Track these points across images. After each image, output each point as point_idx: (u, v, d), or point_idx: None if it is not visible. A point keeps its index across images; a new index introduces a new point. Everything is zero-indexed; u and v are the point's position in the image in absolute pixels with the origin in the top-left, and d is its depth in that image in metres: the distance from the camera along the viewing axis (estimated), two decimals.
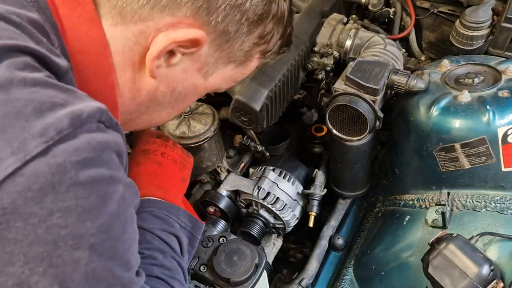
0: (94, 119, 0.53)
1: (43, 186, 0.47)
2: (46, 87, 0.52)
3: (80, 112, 0.51)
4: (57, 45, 0.59)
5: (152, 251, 0.79)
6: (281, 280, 1.33)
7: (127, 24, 0.62)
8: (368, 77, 1.05)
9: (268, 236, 1.35)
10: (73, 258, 0.49)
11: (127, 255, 0.56)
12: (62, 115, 0.50)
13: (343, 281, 1.21)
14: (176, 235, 0.83)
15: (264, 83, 1.11)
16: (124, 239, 0.55)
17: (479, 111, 0.98)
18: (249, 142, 1.31)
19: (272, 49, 0.78)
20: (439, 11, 1.41)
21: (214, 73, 0.73)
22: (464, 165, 1.03)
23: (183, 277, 0.81)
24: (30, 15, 0.57)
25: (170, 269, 0.78)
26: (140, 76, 0.68)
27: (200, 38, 0.64)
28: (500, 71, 1.05)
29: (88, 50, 0.62)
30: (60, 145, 0.48)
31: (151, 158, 0.94)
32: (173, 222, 0.84)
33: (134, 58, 0.65)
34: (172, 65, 0.67)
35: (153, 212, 0.84)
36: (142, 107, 0.74)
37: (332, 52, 1.24)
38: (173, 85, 0.71)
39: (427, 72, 1.11)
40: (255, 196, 1.24)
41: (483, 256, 0.85)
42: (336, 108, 1.08)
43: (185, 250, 0.85)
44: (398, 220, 1.16)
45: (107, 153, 0.53)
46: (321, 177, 1.30)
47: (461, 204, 1.04)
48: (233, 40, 0.69)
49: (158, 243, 0.80)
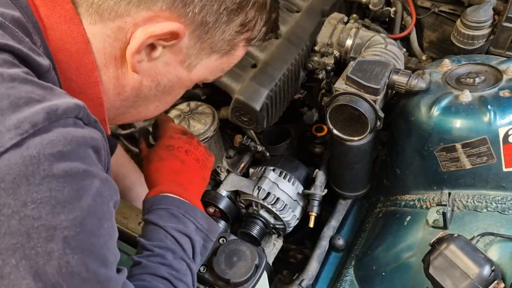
0: (71, 114, 0.54)
1: (16, 177, 0.47)
2: (24, 83, 0.52)
3: (56, 107, 0.52)
4: (39, 45, 0.60)
5: (163, 250, 0.79)
6: (281, 281, 1.32)
7: (105, 21, 0.63)
8: (369, 77, 1.05)
9: (268, 237, 1.34)
10: (46, 250, 0.49)
11: (103, 250, 0.56)
12: (38, 109, 0.50)
13: (343, 281, 1.21)
14: (190, 236, 0.83)
15: (264, 82, 1.11)
16: (100, 234, 0.55)
17: (480, 111, 0.97)
18: (249, 142, 1.31)
19: (257, 36, 0.77)
20: (440, 11, 1.40)
21: (198, 64, 0.73)
22: (465, 165, 1.02)
23: (190, 280, 0.80)
24: (14, 14, 0.58)
25: (178, 270, 0.78)
26: (123, 72, 0.68)
27: (178, 30, 0.64)
28: (501, 70, 1.04)
29: (69, 48, 0.63)
30: (35, 138, 0.49)
31: (175, 155, 0.94)
32: (189, 223, 0.84)
33: (116, 55, 0.66)
34: (154, 58, 0.67)
35: (170, 210, 0.83)
36: (129, 102, 0.74)
37: (332, 51, 1.24)
38: (157, 79, 0.71)
39: (428, 71, 1.11)
40: (255, 196, 1.24)
41: (484, 257, 0.85)
42: (337, 108, 1.08)
43: (197, 253, 0.84)
44: (399, 220, 1.16)
45: (82, 148, 0.54)
46: (321, 177, 1.30)
47: (462, 205, 1.04)
48: (213, 30, 0.69)
49: (170, 243, 0.80)
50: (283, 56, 1.17)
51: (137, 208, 1.17)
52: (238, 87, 1.11)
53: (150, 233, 0.82)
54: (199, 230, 0.85)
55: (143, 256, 0.79)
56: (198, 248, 0.84)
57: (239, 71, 1.13)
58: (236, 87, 1.11)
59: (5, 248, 0.47)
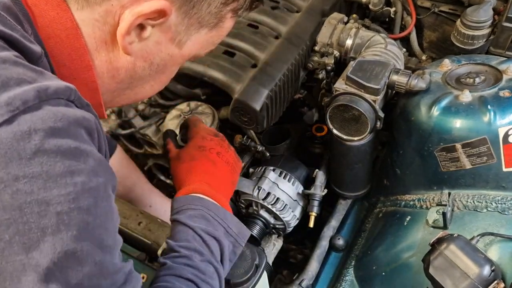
0: (62, 96, 0.54)
1: (8, 152, 0.47)
2: (15, 65, 0.53)
3: (47, 87, 0.52)
4: (31, 33, 0.60)
5: (190, 251, 0.77)
6: (281, 281, 1.32)
7: (92, 6, 0.63)
8: (369, 77, 1.05)
9: (268, 237, 1.34)
10: (39, 226, 0.49)
11: (99, 230, 0.54)
12: (29, 88, 0.51)
13: (343, 281, 1.21)
14: (219, 240, 0.81)
15: (264, 82, 1.11)
16: (96, 213, 0.54)
17: (480, 111, 0.97)
18: (249, 142, 1.31)
19: (243, 5, 0.76)
20: (440, 11, 1.40)
21: (188, 40, 0.73)
22: (465, 165, 1.02)
23: (217, 284, 0.78)
24: (4, 2, 0.58)
25: (204, 273, 0.76)
26: (115, 55, 0.68)
27: (164, 7, 0.64)
28: (501, 70, 1.04)
29: (59, 34, 0.63)
30: (25, 114, 0.49)
31: (206, 155, 0.93)
32: (219, 226, 0.83)
33: (106, 39, 0.66)
34: (144, 39, 0.67)
35: (200, 211, 0.82)
36: (124, 84, 0.74)
37: (332, 51, 1.24)
38: (149, 59, 0.71)
39: (428, 71, 1.11)
40: (255, 196, 1.24)
41: (484, 257, 0.85)
42: (337, 108, 1.08)
43: (226, 258, 0.83)
44: (399, 220, 1.16)
45: (74, 127, 0.53)
46: (321, 177, 1.30)
47: (462, 205, 1.04)
48: (199, 4, 0.69)
49: (198, 244, 0.79)
50: (283, 56, 1.17)
51: (137, 208, 1.17)
52: (238, 87, 1.11)
53: (178, 234, 0.80)
54: (228, 234, 0.84)
55: (169, 257, 0.77)
56: (227, 253, 0.82)
57: (239, 71, 1.14)
58: (236, 87, 1.11)
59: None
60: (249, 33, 1.22)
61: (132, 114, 1.21)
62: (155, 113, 1.27)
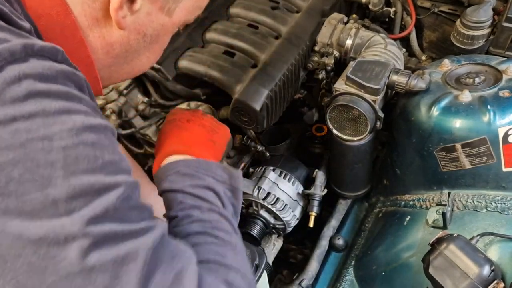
0: (48, 54, 0.53)
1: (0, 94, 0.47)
2: (1, 30, 0.52)
3: (33, 43, 0.52)
4: (20, 12, 0.60)
5: (186, 211, 0.75)
6: (281, 281, 1.32)
7: None
8: (369, 77, 1.05)
9: (268, 237, 1.34)
10: (47, 161, 0.48)
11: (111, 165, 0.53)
12: (16, 43, 0.51)
13: (343, 281, 1.21)
14: (210, 188, 0.79)
15: (264, 82, 1.11)
16: (103, 148, 0.53)
17: (480, 111, 0.97)
18: (249, 142, 1.31)
19: None
20: (440, 11, 1.41)
21: (177, 7, 0.73)
22: (465, 165, 1.02)
23: (229, 227, 0.75)
24: None
25: (210, 221, 0.74)
26: (108, 30, 0.68)
27: None
28: (501, 70, 1.04)
29: (49, 12, 0.63)
30: (13, 65, 0.49)
31: (177, 125, 0.93)
32: (205, 177, 0.80)
33: (97, 16, 0.66)
34: (136, 11, 0.67)
35: (180, 171, 0.80)
36: (120, 58, 0.74)
37: (332, 51, 1.24)
38: (142, 30, 0.72)
39: (428, 71, 1.11)
40: (255, 196, 1.24)
41: (484, 257, 0.85)
42: (337, 108, 1.08)
43: (226, 203, 0.79)
44: (398, 220, 1.16)
45: (62, 78, 0.53)
46: (321, 177, 1.30)
47: (461, 205, 1.04)
48: None
49: (191, 201, 0.76)
50: (283, 56, 1.18)
51: None
52: (238, 87, 1.11)
53: (169, 203, 0.79)
54: (218, 181, 0.81)
55: (171, 226, 0.75)
56: (225, 198, 0.80)
57: (239, 71, 1.14)
58: (236, 87, 1.11)
59: (4, 162, 0.46)
60: (249, 33, 1.22)
61: (132, 114, 1.21)
62: (155, 113, 1.27)
